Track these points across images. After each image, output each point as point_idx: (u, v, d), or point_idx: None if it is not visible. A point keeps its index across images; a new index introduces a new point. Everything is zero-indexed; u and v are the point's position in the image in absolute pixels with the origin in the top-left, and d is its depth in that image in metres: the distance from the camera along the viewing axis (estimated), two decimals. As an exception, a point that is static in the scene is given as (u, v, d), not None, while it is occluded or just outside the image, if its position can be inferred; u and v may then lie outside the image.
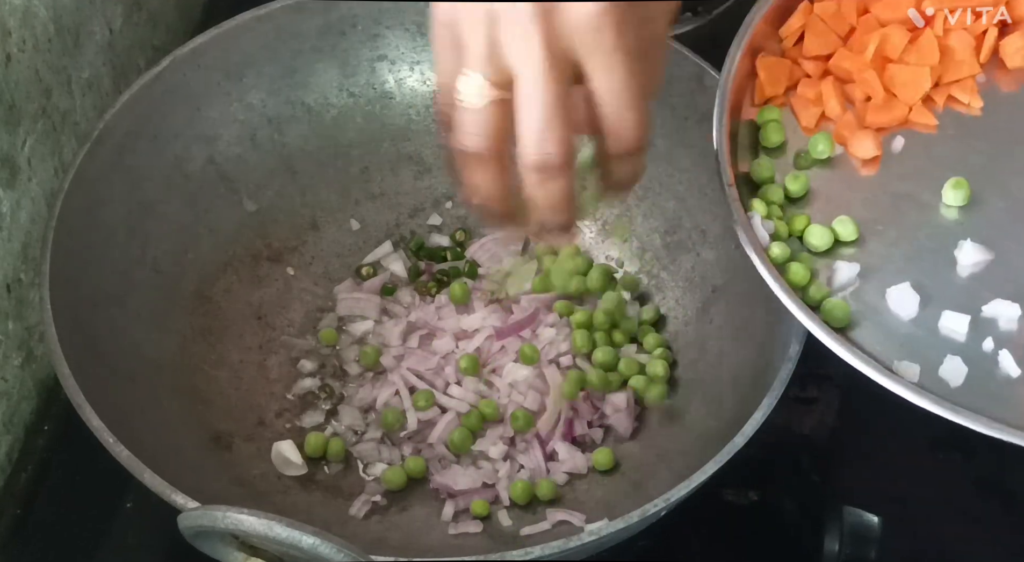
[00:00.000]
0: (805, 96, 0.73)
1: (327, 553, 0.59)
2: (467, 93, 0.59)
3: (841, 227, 0.69)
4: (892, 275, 0.67)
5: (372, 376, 0.82)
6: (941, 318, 0.65)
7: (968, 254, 0.67)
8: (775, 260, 0.67)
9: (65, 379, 0.70)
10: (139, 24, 0.96)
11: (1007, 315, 0.64)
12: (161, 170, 0.83)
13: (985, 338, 0.64)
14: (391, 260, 0.87)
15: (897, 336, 0.65)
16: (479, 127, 0.59)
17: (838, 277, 0.67)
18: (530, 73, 0.57)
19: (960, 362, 0.63)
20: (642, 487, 0.75)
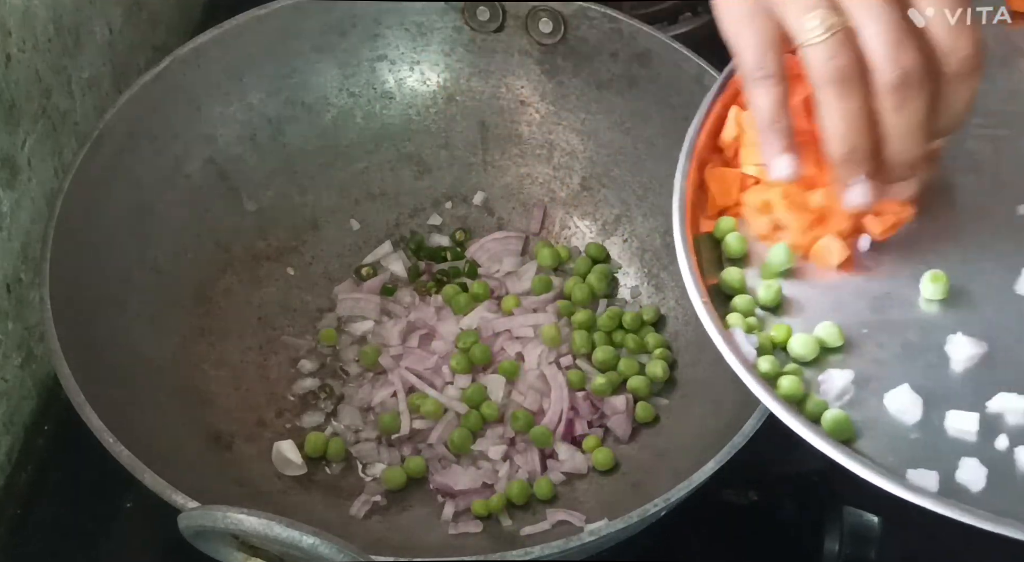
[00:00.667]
0: (753, 204, 0.70)
1: (327, 553, 0.59)
2: (812, 29, 0.60)
3: (826, 334, 0.65)
4: (887, 379, 0.64)
5: (372, 376, 0.82)
6: (947, 419, 0.62)
7: (960, 348, 0.64)
8: (766, 376, 0.64)
9: (65, 379, 0.70)
10: (139, 24, 0.96)
11: (1014, 408, 0.62)
12: (161, 170, 0.83)
13: (997, 435, 0.61)
14: (391, 260, 0.87)
15: (905, 442, 0.62)
16: (836, 52, 0.60)
17: (832, 386, 0.64)
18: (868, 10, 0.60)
19: (977, 464, 0.60)
20: (642, 487, 0.75)
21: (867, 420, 0.63)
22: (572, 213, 0.88)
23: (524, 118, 0.89)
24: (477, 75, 0.89)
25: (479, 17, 0.87)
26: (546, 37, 0.87)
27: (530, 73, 0.88)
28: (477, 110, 0.90)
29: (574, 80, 0.87)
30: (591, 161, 0.88)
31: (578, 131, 0.88)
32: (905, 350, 0.65)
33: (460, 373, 0.80)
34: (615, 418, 0.79)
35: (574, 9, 0.85)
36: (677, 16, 0.96)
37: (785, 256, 0.68)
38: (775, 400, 0.62)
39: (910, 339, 0.65)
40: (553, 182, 0.89)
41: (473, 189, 0.90)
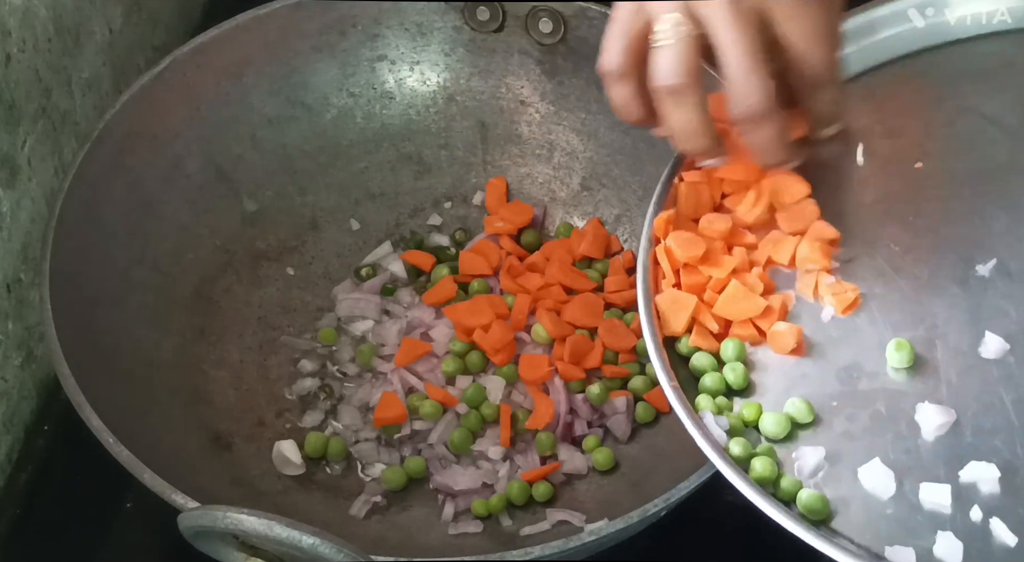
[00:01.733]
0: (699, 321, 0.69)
1: (327, 553, 0.59)
2: (662, 32, 0.62)
3: (795, 410, 0.64)
4: (859, 453, 0.63)
5: (371, 376, 0.82)
6: (920, 491, 0.61)
7: (929, 417, 0.63)
8: (738, 459, 0.63)
9: (65, 379, 0.70)
10: (139, 24, 0.96)
11: (985, 477, 0.61)
12: (161, 170, 0.83)
13: (971, 506, 0.60)
14: (391, 260, 0.87)
15: (881, 518, 0.61)
16: (677, 59, 0.62)
17: (805, 464, 0.63)
18: (725, 22, 0.61)
19: (952, 537, 0.59)
20: (642, 487, 0.75)
21: (842, 497, 0.62)
22: (572, 213, 0.88)
23: (524, 118, 0.89)
24: (477, 75, 0.89)
25: (479, 17, 0.87)
26: (546, 37, 0.87)
27: (530, 73, 0.88)
28: (477, 110, 0.90)
29: (574, 80, 0.87)
30: (591, 161, 0.88)
31: (578, 131, 0.88)
32: (875, 422, 0.64)
33: (451, 375, 0.80)
34: (615, 418, 0.79)
35: (574, 9, 0.85)
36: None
37: (737, 349, 0.67)
38: (748, 485, 0.61)
39: (879, 410, 0.64)
40: (553, 182, 0.89)
41: (473, 189, 0.90)
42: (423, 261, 0.86)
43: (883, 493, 0.62)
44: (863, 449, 0.63)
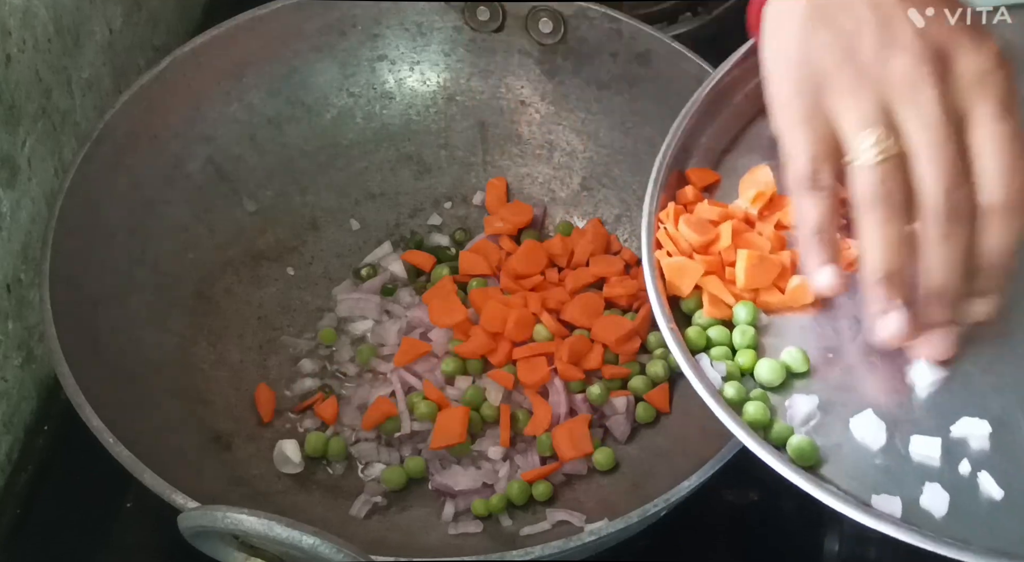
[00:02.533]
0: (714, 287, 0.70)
1: (327, 553, 0.59)
2: (866, 151, 0.59)
3: (791, 359, 0.65)
4: (852, 404, 0.64)
5: (371, 376, 0.82)
6: (911, 444, 0.62)
7: (922, 374, 0.64)
8: (731, 401, 0.64)
9: (65, 379, 0.70)
10: (139, 24, 0.96)
11: (976, 433, 0.62)
12: (161, 170, 0.83)
13: (960, 460, 0.61)
14: (391, 260, 0.87)
15: (870, 467, 0.62)
16: (881, 182, 0.59)
17: (798, 412, 0.64)
18: (930, 129, 0.58)
19: (940, 489, 0.60)
20: (642, 487, 0.75)
21: (832, 445, 0.63)
22: (572, 213, 0.88)
23: (524, 118, 0.89)
24: (477, 75, 0.89)
25: (479, 17, 0.87)
26: (546, 37, 0.87)
27: (530, 73, 0.88)
28: (477, 110, 0.90)
29: (574, 80, 0.87)
30: (591, 161, 0.88)
31: (578, 131, 0.88)
32: (870, 374, 0.65)
33: (450, 375, 0.80)
34: (615, 418, 0.78)
35: (574, 9, 0.85)
36: (677, 16, 0.96)
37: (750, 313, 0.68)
38: (740, 426, 0.62)
39: (875, 363, 0.65)
40: (553, 182, 0.89)
41: (473, 189, 0.90)
42: (423, 261, 0.86)
43: (873, 443, 0.63)
44: (856, 401, 0.64)
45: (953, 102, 0.58)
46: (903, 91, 0.58)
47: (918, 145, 0.59)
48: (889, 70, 0.59)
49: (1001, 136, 0.59)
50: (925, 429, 0.63)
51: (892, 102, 0.59)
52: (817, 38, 0.60)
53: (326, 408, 0.81)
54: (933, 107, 0.58)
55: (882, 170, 0.59)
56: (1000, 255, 0.60)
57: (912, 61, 0.58)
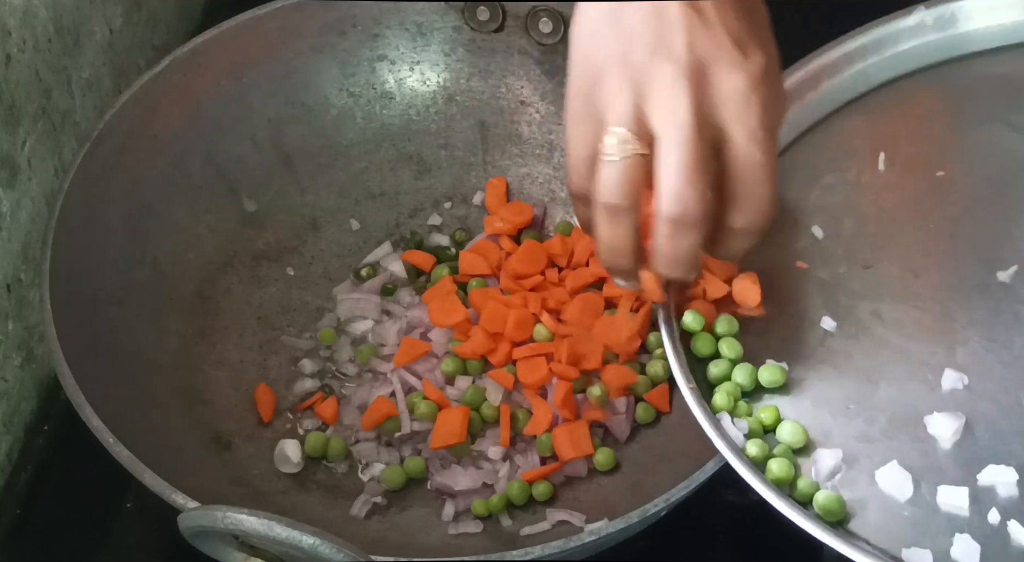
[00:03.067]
0: None
1: (327, 553, 0.59)
2: (610, 147, 0.60)
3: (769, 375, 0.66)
4: (877, 456, 0.63)
5: (371, 376, 0.82)
6: (938, 494, 0.62)
7: (940, 425, 0.63)
8: (754, 460, 0.64)
9: (65, 379, 0.70)
10: (139, 24, 0.96)
11: (1004, 480, 0.61)
12: (161, 170, 0.83)
13: (989, 509, 0.61)
14: (391, 260, 0.87)
15: (898, 520, 0.61)
16: (619, 179, 0.60)
17: (823, 466, 0.64)
18: (675, 133, 0.59)
19: (970, 539, 0.59)
20: (642, 487, 0.75)
21: (859, 499, 0.62)
22: (572, 213, 0.88)
23: (524, 118, 0.89)
24: (477, 75, 0.89)
25: (479, 17, 0.87)
26: (546, 37, 0.87)
27: (530, 73, 0.88)
28: (477, 110, 0.90)
29: (574, 80, 0.87)
30: (591, 161, 0.88)
31: (578, 131, 0.88)
32: (892, 425, 0.65)
33: (450, 375, 0.80)
34: (615, 418, 0.78)
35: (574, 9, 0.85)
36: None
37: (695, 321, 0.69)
38: (766, 485, 0.62)
39: (897, 413, 0.65)
40: (553, 182, 0.89)
41: (473, 189, 0.90)
42: (423, 261, 0.86)
43: (900, 495, 0.62)
44: (880, 452, 0.63)
45: (708, 116, 0.59)
46: (662, 97, 0.59)
47: (663, 146, 0.59)
48: (652, 76, 0.59)
49: (747, 162, 0.60)
50: (952, 479, 0.62)
51: (650, 106, 0.59)
52: (602, 36, 0.61)
53: (326, 408, 0.81)
54: (685, 115, 0.58)
55: (620, 167, 0.60)
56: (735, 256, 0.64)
57: (675, 72, 0.59)
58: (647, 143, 0.60)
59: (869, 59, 0.75)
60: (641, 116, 0.59)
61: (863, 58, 0.76)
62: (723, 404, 0.66)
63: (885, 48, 0.76)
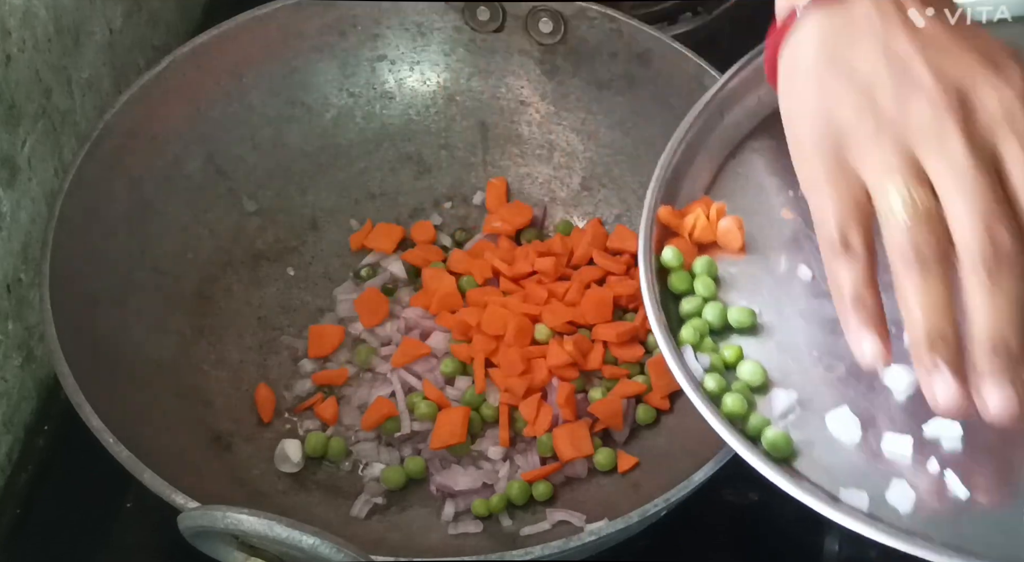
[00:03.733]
0: None
1: (327, 553, 0.59)
2: (899, 202, 0.55)
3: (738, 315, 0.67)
4: (830, 400, 0.64)
5: (371, 376, 0.82)
6: (883, 440, 0.62)
7: (897, 378, 0.63)
8: (711, 393, 0.64)
9: (65, 379, 0.70)
10: (139, 24, 0.96)
11: (949, 435, 0.62)
12: (161, 170, 0.83)
13: (929, 459, 0.61)
14: (391, 260, 0.87)
15: (842, 462, 0.62)
16: (927, 233, 0.54)
17: (776, 405, 0.64)
18: (958, 174, 0.54)
19: (906, 486, 0.60)
20: (642, 487, 0.75)
21: (807, 440, 0.63)
22: (572, 213, 0.88)
23: (524, 118, 0.89)
24: (477, 75, 0.89)
25: (479, 17, 0.87)
26: (546, 37, 0.87)
27: (530, 73, 0.88)
28: (477, 110, 0.90)
29: (574, 80, 0.87)
30: (591, 161, 0.88)
31: (578, 131, 0.88)
32: (850, 373, 0.65)
33: (449, 376, 0.80)
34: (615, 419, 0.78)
35: (574, 9, 0.85)
36: (677, 16, 0.96)
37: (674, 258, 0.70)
38: (717, 417, 0.63)
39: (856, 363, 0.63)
40: (553, 182, 0.89)
41: (473, 189, 0.90)
42: (423, 261, 0.86)
43: (848, 439, 0.63)
44: (834, 397, 0.64)
45: (982, 142, 0.55)
46: (928, 139, 0.55)
47: (950, 193, 0.54)
48: (910, 117, 0.55)
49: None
50: (899, 428, 0.63)
51: (918, 151, 0.55)
52: (832, 88, 0.57)
53: (326, 408, 0.81)
54: (961, 152, 0.54)
55: (914, 223, 0.54)
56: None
57: (933, 106, 0.55)
58: (931, 189, 0.55)
59: None
60: (914, 163, 0.55)
61: None
62: (688, 338, 0.67)
63: None
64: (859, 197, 0.57)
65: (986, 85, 0.55)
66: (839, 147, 0.57)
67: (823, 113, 0.58)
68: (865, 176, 0.57)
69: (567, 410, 0.77)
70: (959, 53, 0.56)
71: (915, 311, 0.55)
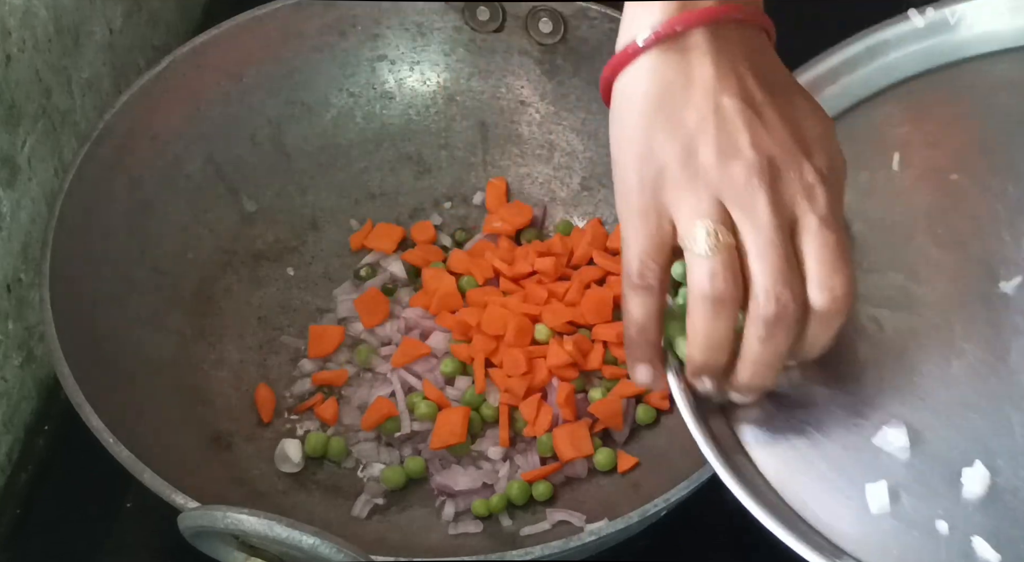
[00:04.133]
0: None
1: (327, 553, 0.59)
2: (701, 239, 0.59)
3: None
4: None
5: (371, 376, 0.82)
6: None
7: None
8: None
9: (65, 379, 0.70)
10: (139, 24, 0.96)
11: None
12: (161, 170, 0.84)
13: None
14: (391, 260, 0.87)
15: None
16: (723, 270, 0.59)
17: None
18: (760, 233, 0.59)
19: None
20: (642, 487, 0.75)
21: None
22: (572, 213, 0.88)
23: (524, 118, 0.89)
24: (477, 75, 0.89)
25: (479, 17, 0.87)
26: (546, 37, 0.87)
27: (530, 73, 0.88)
28: (477, 110, 0.90)
29: (574, 80, 0.87)
30: (591, 161, 0.88)
31: (578, 131, 0.88)
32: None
33: (449, 376, 0.80)
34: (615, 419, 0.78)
35: (574, 9, 0.85)
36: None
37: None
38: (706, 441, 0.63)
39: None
40: (553, 182, 0.89)
41: (473, 189, 0.90)
42: (423, 261, 0.86)
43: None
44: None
45: (784, 210, 0.59)
46: (739, 195, 0.59)
47: (751, 249, 0.59)
48: (727, 175, 0.59)
49: (824, 244, 0.59)
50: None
51: (728, 205, 0.59)
52: (659, 132, 0.60)
53: (326, 409, 0.81)
54: (766, 214, 0.59)
55: (715, 263, 0.59)
56: (815, 351, 0.62)
57: (748, 171, 0.59)
58: (735, 237, 0.59)
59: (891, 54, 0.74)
60: (724, 213, 0.59)
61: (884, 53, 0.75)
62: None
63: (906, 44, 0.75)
64: (666, 237, 0.61)
65: (795, 163, 0.60)
66: (657, 187, 0.60)
67: (648, 154, 0.61)
68: (677, 217, 0.60)
69: (567, 410, 0.77)
70: (779, 128, 0.60)
71: (699, 342, 0.61)
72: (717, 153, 0.59)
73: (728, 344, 0.61)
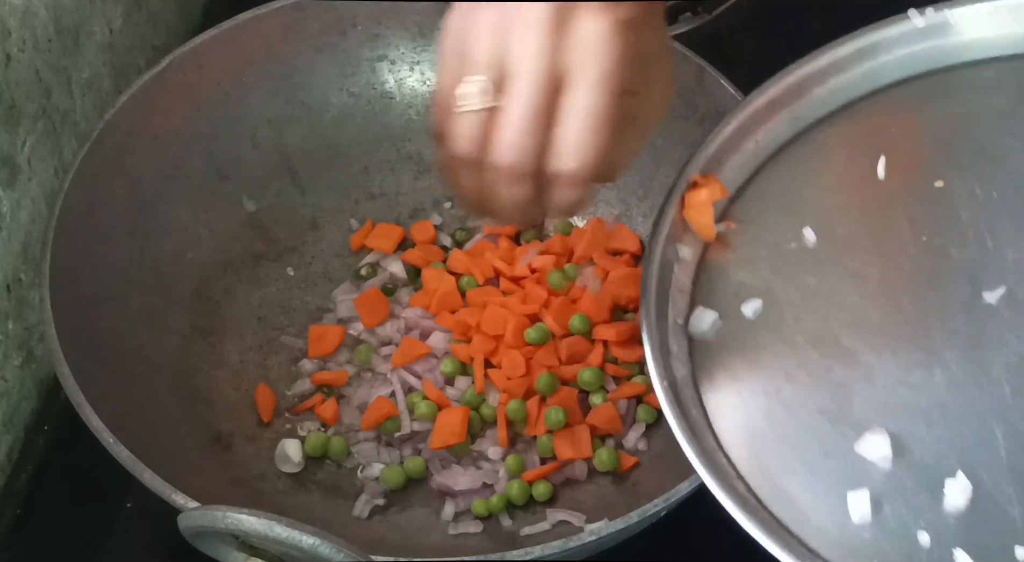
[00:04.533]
0: None
1: (327, 553, 0.59)
2: (465, 98, 0.59)
3: None
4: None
5: (371, 376, 0.82)
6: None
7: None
8: None
9: (65, 379, 0.70)
10: (139, 24, 0.96)
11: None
12: (161, 170, 0.84)
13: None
14: (391, 260, 0.87)
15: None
16: (471, 133, 0.59)
17: None
18: (522, 81, 0.58)
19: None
20: (642, 487, 0.75)
21: None
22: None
23: (524, 118, 0.89)
24: (477, 75, 0.89)
25: (479, 17, 0.87)
26: (546, 37, 0.87)
27: (530, 73, 0.88)
28: (477, 110, 0.89)
29: (574, 80, 0.87)
30: (591, 161, 0.88)
31: (578, 131, 0.88)
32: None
33: (449, 376, 0.80)
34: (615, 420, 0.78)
35: (574, 9, 0.85)
36: (677, 16, 0.96)
37: None
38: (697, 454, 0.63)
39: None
40: (553, 182, 0.89)
41: (473, 189, 0.90)
42: (423, 261, 0.86)
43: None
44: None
45: (560, 61, 0.57)
46: (518, 41, 0.58)
47: (510, 94, 0.58)
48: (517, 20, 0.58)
49: (584, 108, 0.58)
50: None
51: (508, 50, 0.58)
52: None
53: (326, 409, 0.81)
54: (533, 60, 0.57)
55: (469, 123, 0.58)
56: (568, 211, 0.62)
57: (537, 15, 0.57)
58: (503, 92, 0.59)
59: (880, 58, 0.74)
60: (501, 60, 0.58)
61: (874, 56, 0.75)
62: None
63: (895, 48, 0.75)
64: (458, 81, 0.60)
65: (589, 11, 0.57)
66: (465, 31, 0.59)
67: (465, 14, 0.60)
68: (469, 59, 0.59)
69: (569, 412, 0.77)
70: None
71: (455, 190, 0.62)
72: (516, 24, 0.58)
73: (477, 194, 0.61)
